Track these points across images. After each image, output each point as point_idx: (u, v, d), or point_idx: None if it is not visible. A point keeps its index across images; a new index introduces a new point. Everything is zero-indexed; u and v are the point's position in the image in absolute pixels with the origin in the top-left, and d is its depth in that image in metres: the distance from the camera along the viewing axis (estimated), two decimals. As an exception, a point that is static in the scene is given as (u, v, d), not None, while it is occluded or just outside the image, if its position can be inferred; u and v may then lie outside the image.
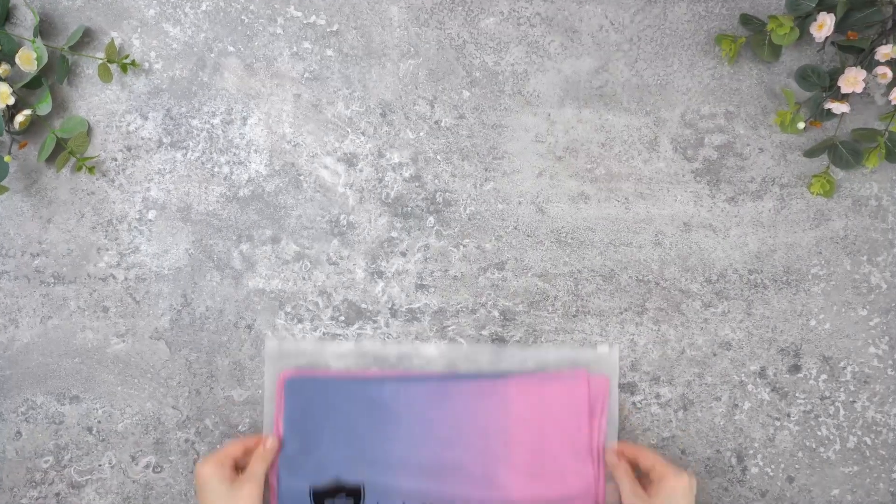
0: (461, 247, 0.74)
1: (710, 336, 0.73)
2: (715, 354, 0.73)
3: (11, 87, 0.69)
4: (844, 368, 0.73)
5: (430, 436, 0.71)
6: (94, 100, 0.74)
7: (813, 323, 0.73)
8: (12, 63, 0.70)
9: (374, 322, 0.74)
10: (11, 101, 0.69)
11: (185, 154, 0.74)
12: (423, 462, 0.71)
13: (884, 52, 0.67)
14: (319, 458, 0.71)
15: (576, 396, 0.71)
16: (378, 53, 0.73)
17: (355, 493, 0.71)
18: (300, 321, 0.74)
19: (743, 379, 0.73)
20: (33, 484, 0.74)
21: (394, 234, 0.74)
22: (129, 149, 0.74)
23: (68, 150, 0.71)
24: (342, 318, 0.74)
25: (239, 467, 0.69)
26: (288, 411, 0.72)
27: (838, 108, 0.68)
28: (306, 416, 0.71)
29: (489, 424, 0.71)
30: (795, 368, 0.73)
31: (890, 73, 0.67)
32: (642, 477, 0.69)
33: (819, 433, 0.73)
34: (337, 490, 0.71)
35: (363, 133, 0.74)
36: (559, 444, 0.71)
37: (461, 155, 0.74)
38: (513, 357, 0.73)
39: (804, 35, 0.69)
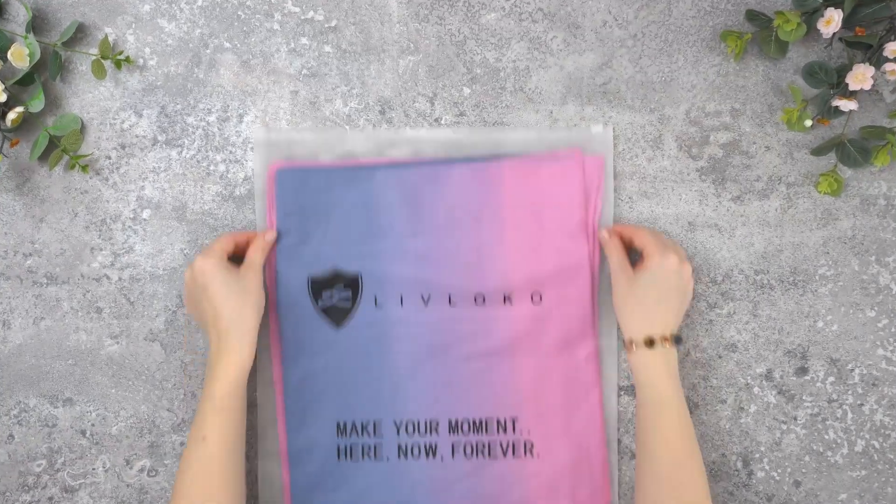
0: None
1: (716, 338, 0.73)
2: (720, 356, 0.73)
3: (3, 83, 0.69)
4: (852, 371, 0.72)
5: (424, 222, 0.71)
6: (88, 97, 0.73)
7: (820, 324, 0.72)
8: (4, 59, 0.69)
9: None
10: (3, 98, 0.68)
11: (181, 152, 0.73)
12: (419, 250, 0.71)
13: (892, 48, 0.66)
14: (316, 250, 0.72)
15: (570, 177, 0.71)
16: (377, 49, 0.73)
17: (353, 284, 0.71)
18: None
19: (749, 381, 0.73)
20: (26, 488, 0.73)
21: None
22: (123, 147, 0.73)
23: (61, 148, 0.71)
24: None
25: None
26: (280, 204, 0.72)
27: (846, 105, 0.68)
28: (299, 207, 0.72)
29: (483, 208, 0.71)
30: (802, 371, 0.73)
31: (899, 70, 0.66)
32: (638, 260, 0.69)
33: (826, 437, 0.72)
34: (335, 280, 0.71)
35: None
36: (554, 224, 0.71)
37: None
38: (506, 139, 0.72)
39: (811, 31, 0.68)
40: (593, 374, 0.72)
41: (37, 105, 0.71)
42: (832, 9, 0.66)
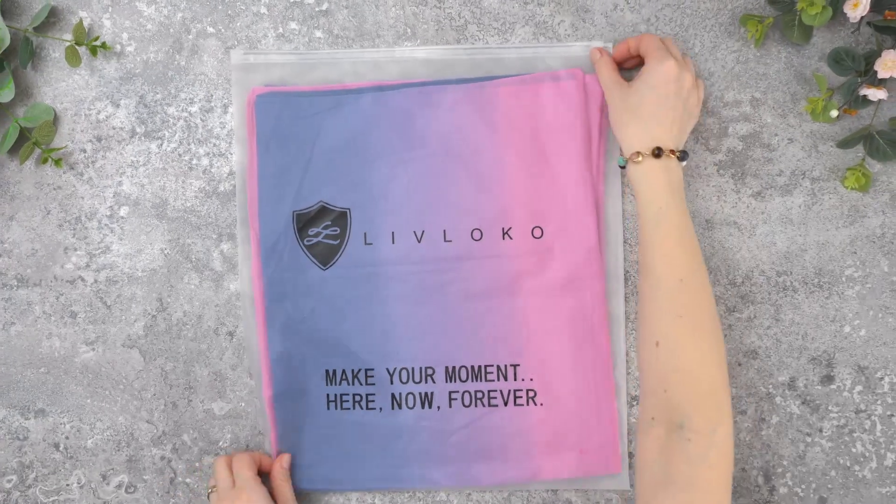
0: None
1: (735, 344, 0.71)
2: (740, 364, 0.71)
3: None
4: (882, 379, 0.71)
5: (415, 150, 0.69)
6: (61, 86, 0.72)
7: (847, 329, 0.71)
8: None
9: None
10: None
11: (161, 145, 0.72)
12: (411, 182, 0.69)
13: None
14: (300, 183, 0.70)
15: (572, 97, 0.69)
16: (371, 35, 0.71)
17: (341, 220, 0.70)
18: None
19: (770, 391, 0.71)
20: None
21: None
22: (99, 139, 0.72)
23: (33, 141, 0.70)
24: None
25: None
26: (261, 133, 0.70)
27: (875, 94, 0.66)
28: (282, 136, 0.70)
29: (479, 133, 0.69)
30: (828, 379, 0.71)
31: (932, 56, 0.66)
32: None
33: (854, 450, 0.71)
34: (321, 216, 0.70)
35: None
36: (555, 149, 0.69)
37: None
38: (503, 59, 0.70)
39: (837, 15, 0.67)
40: (600, 317, 0.70)
41: (6, 95, 0.70)
42: None
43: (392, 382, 0.70)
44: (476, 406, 0.70)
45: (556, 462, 0.69)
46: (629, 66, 0.69)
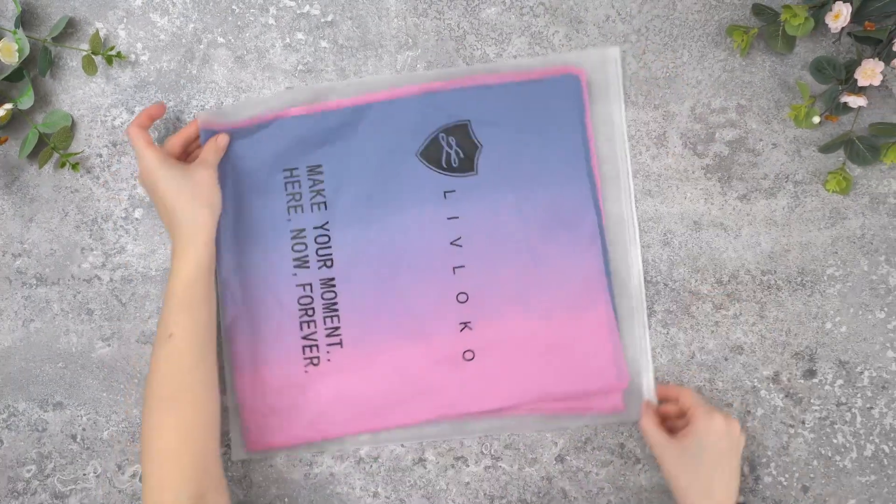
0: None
1: (722, 340, 0.72)
2: (726, 359, 0.72)
3: None
4: (861, 373, 0.72)
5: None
6: (79, 93, 0.73)
7: (829, 326, 0.72)
8: None
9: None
10: None
11: None
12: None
13: None
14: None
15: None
16: (374, 45, 0.72)
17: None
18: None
19: (755, 384, 0.72)
20: (15, 494, 0.73)
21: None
22: (114, 144, 0.73)
23: (51, 146, 0.71)
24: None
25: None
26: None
27: (855, 101, 0.67)
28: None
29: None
30: (810, 373, 0.72)
31: (909, 65, 0.66)
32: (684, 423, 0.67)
33: (835, 441, 0.72)
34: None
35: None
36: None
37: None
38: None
39: (819, 25, 0.68)
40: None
41: (26, 102, 0.71)
42: (841, 3, 0.66)
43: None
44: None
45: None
46: (670, 417, 0.69)
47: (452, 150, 0.70)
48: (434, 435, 0.71)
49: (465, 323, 0.70)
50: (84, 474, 0.73)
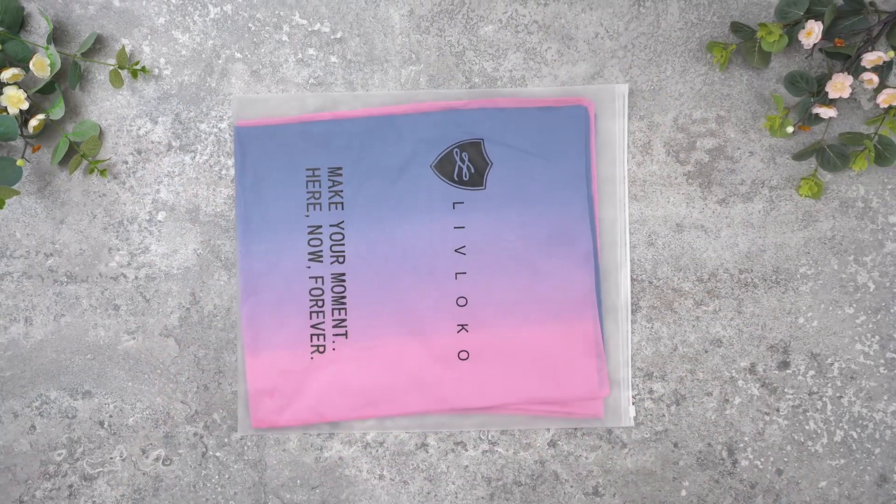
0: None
1: (702, 333, 0.74)
2: (706, 351, 0.74)
3: (26, 92, 0.70)
4: (832, 365, 0.73)
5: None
6: (106, 104, 0.74)
7: (801, 321, 0.73)
8: (27, 69, 0.70)
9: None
10: (26, 105, 0.69)
11: (194, 157, 0.74)
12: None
13: (870, 58, 0.67)
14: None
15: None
16: (380, 60, 0.74)
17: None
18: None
19: (733, 375, 0.73)
20: (47, 476, 0.74)
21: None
22: (139, 152, 0.74)
23: (81, 154, 0.71)
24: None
25: None
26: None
27: (826, 112, 0.68)
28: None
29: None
30: (784, 365, 0.73)
31: (876, 79, 0.67)
32: None
33: (807, 427, 0.73)
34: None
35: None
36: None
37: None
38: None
39: (793, 42, 0.69)
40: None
41: (57, 112, 0.72)
42: (813, 21, 0.67)
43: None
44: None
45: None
46: None
47: (465, 165, 0.72)
48: (433, 425, 0.73)
49: (462, 325, 0.72)
50: (111, 458, 0.74)
